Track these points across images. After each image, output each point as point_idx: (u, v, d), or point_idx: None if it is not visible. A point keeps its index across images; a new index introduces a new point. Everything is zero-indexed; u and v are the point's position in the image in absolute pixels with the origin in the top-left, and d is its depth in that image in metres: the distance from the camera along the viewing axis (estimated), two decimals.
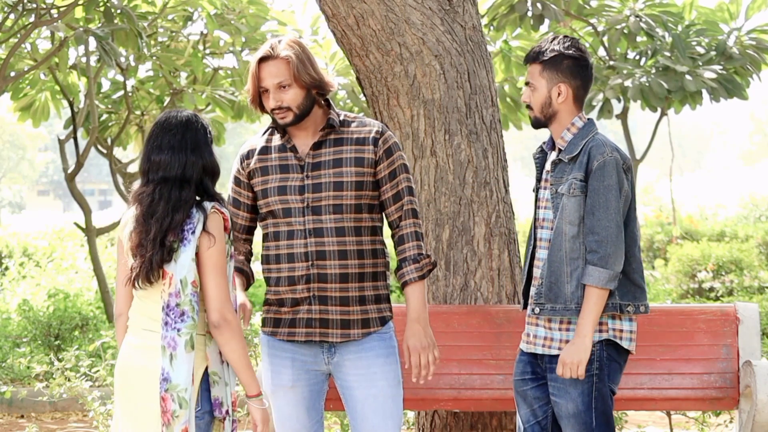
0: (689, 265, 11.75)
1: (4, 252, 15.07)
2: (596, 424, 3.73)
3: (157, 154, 3.45)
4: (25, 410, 7.68)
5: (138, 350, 3.46)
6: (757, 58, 9.72)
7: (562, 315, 3.76)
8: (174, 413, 3.34)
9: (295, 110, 3.68)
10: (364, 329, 3.71)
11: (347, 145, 3.73)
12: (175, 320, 3.37)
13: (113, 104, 10.86)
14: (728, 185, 25.89)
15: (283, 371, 3.76)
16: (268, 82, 3.67)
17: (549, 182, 3.85)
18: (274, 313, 3.77)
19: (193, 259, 3.38)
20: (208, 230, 3.40)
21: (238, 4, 10.21)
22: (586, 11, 10.18)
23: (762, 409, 4.34)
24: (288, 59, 3.65)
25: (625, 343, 3.79)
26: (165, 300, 3.39)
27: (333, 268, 3.67)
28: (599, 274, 3.67)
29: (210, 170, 3.48)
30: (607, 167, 3.72)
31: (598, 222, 3.70)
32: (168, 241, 3.38)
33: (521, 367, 3.92)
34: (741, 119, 58.95)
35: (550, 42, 3.84)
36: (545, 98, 3.83)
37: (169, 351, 3.36)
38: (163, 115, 3.52)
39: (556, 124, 3.85)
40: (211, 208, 3.43)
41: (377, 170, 3.73)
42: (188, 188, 3.42)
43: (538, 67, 3.83)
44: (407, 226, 3.76)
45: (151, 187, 3.44)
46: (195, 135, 3.47)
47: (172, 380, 3.35)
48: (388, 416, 3.71)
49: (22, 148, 50.06)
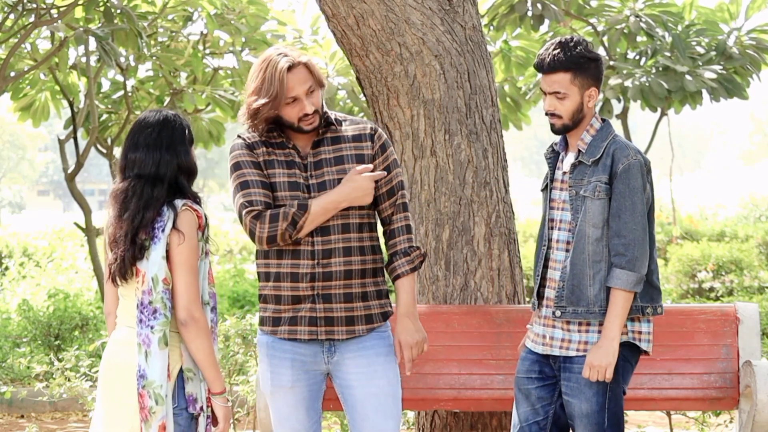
0: (689, 265, 11.75)
1: (4, 252, 15.07)
2: (608, 424, 3.74)
3: (133, 151, 3.51)
4: (25, 410, 7.68)
5: (121, 346, 3.52)
6: (757, 58, 9.72)
7: (584, 318, 3.75)
8: (151, 409, 3.40)
9: (320, 112, 3.71)
10: (368, 325, 3.72)
11: (345, 142, 3.74)
12: (148, 317, 3.42)
13: (113, 104, 10.86)
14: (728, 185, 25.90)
15: (282, 372, 3.75)
16: (299, 90, 3.64)
17: (567, 184, 3.83)
18: (273, 311, 3.76)
19: (163, 256, 3.42)
20: (177, 228, 3.43)
21: (238, 4, 10.20)
22: (586, 11, 10.18)
23: (762, 409, 4.34)
24: (308, 63, 3.67)
25: (644, 344, 3.80)
26: (139, 297, 3.44)
27: (338, 265, 3.68)
28: (627, 277, 3.67)
29: (185, 169, 3.52)
30: (632, 170, 3.71)
31: (625, 225, 3.69)
32: (139, 239, 3.43)
33: (527, 365, 3.91)
34: (741, 119, 58.96)
35: (568, 47, 3.77)
36: (578, 105, 3.79)
37: (144, 348, 3.41)
38: (143, 114, 3.57)
39: (579, 128, 3.83)
40: (183, 206, 3.46)
41: (374, 165, 3.74)
42: (161, 186, 3.46)
43: (568, 75, 3.76)
44: (399, 220, 3.78)
45: (125, 185, 3.49)
46: (171, 134, 3.51)
47: (148, 377, 3.40)
48: (388, 415, 3.71)
49: (22, 148, 50.07)
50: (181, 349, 3.49)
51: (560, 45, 3.79)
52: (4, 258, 14.89)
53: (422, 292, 4.94)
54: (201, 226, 3.50)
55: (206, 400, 3.53)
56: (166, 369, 3.41)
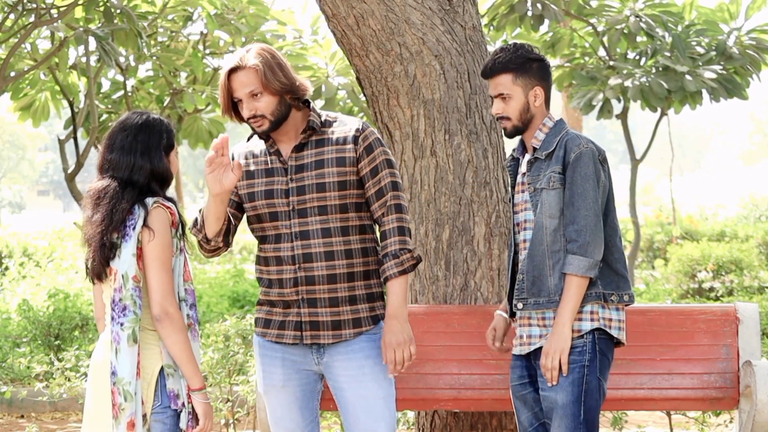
0: (689, 265, 11.75)
1: (4, 252, 15.07)
2: (584, 417, 3.72)
3: (110, 152, 3.54)
4: (25, 410, 7.68)
5: (103, 344, 3.57)
6: (757, 58, 9.73)
7: (546, 308, 3.78)
8: (120, 406, 3.42)
9: (270, 117, 3.67)
10: (355, 329, 3.70)
11: (328, 145, 3.72)
12: (119, 315, 3.45)
13: (113, 104, 10.87)
14: (728, 185, 25.90)
15: (273, 371, 3.77)
16: (240, 93, 3.66)
17: (525, 184, 3.88)
18: (266, 313, 3.79)
19: (134, 254, 3.45)
20: (148, 225, 3.46)
21: (238, 4, 10.21)
22: (586, 11, 10.19)
23: (762, 409, 4.34)
24: (256, 68, 3.63)
25: (614, 331, 3.79)
26: (110, 295, 3.48)
27: (320, 269, 3.67)
28: (579, 262, 3.70)
29: (159, 175, 3.54)
30: (583, 158, 3.76)
31: (577, 211, 3.73)
32: (109, 240, 3.46)
33: (518, 372, 3.92)
34: (741, 119, 58.96)
35: (508, 51, 3.86)
36: (523, 105, 3.85)
37: (114, 345, 3.45)
38: (126, 115, 3.59)
39: (531, 128, 3.89)
40: (154, 203, 3.49)
41: (359, 168, 3.71)
42: (131, 190, 3.49)
43: (509, 76, 3.84)
44: (390, 222, 3.73)
45: (99, 185, 3.53)
46: (147, 138, 3.53)
47: (118, 374, 3.43)
48: (379, 418, 3.70)
49: (22, 148, 50.07)
50: (160, 347, 3.51)
51: (502, 50, 3.89)
52: (4, 258, 14.89)
53: (422, 292, 4.94)
54: (174, 223, 3.53)
55: (187, 396, 3.53)
56: (135, 366, 3.43)
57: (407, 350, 3.68)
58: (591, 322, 3.76)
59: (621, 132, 11.91)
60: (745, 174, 32.18)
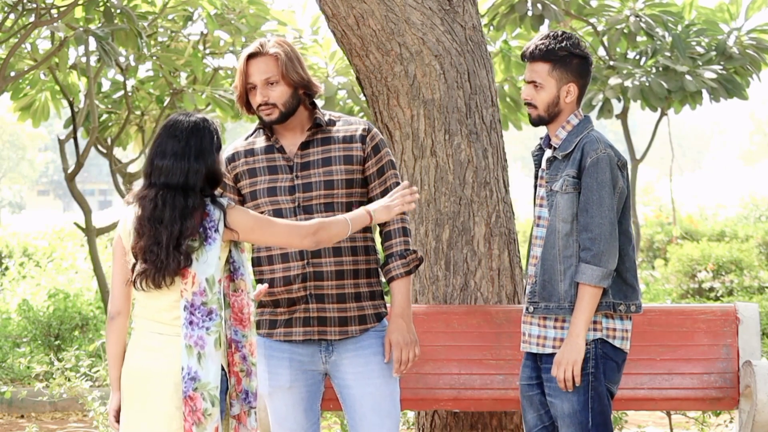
0: (689, 265, 11.75)
1: (4, 252, 15.06)
2: (593, 424, 3.69)
3: (161, 159, 3.42)
4: (25, 410, 7.68)
5: (153, 353, 3.42)
6: (757, 58, 9.72)
7: (555, 314, 3.73)
8: (206, 411, 3.33)
9: (281, 107, 3.69)
10: (361, 325, 3.72)
11: (335, 143, 3.73)
12: (202, 319, 3.36)
13: (113, 104, 10.85)
14: (728, 185, 25.88)
15: (280, 372, 3.76)
16: (256, 78, 3.69)
17: (545, 180, 3.83)
18: (270, 314, 3.77)
19: (219, 257, 3.38)
20: (229, 226, 3.40)
21: (238, 4, 10.20)
22: (586, 11, 10.18)
23: (762, 409, 4.34)
24: (277, 56, 3.67)
25: (617, 342, 3.74)
26: (188, 299, 3.36)
27: (329, 265, 3.68)
28: (592, 271, 3.64)
29: (211, 177, 3.45)
30: (600, 163, 3.67)
31: (592, 219, 3.66)
32: (184, 247, 3.35)
33: (528, 372, 3.87)
34: (741, 119, 58.93)
35: (554, 39, 3.75)
36: (553, 98, 3.76)
37: (196, 350, 3.34)
38: (171, 119, 3.48)
39: (556, 122, 3.81)
40: (228, 204, 3.43)
41: (365, 167, 3.74)
42: (193, 195, 3.39)
43: (547, 66, 3.74)
44: (394, 222, 3.76)
45: (153, 192, 3.40)
46: (200, 142, 3.44)
47: (201, 379, 3.34)
48: (385, 414, 3.71)
49: (22, 148, 50.05)
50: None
51: (548, 36, 3.78)
52: (4, 258, 14.89)
53: (422, 292, 4.94)
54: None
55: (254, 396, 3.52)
56: (220, 370, 3.38)
57: (413, 351, 3.71)
58: (594, 332, 3.71)
59: (621, 132, 11.89)
60: (745, 174, 32.13)
